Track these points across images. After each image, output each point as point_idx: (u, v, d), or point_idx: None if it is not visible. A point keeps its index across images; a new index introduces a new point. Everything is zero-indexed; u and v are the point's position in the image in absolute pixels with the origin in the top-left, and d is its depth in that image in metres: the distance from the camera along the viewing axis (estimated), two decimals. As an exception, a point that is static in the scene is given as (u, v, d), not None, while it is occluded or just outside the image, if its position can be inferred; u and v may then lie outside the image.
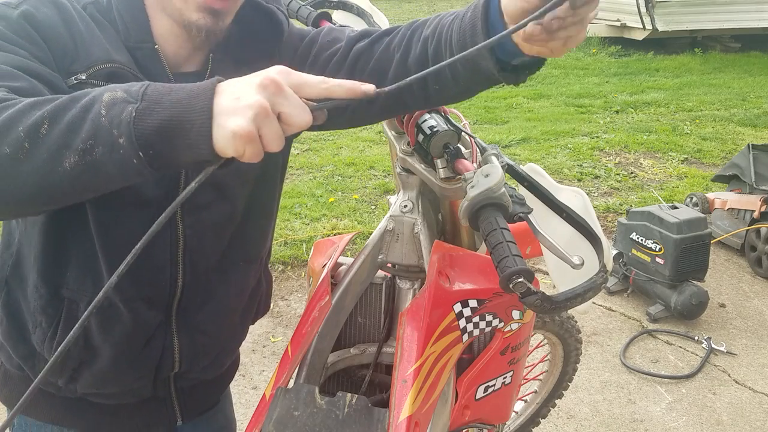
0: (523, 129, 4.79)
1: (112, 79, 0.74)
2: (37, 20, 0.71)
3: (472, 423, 1.04)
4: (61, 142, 0.55)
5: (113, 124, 0.54)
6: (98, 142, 0.54)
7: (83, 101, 0.56)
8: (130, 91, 0.56)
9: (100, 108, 0.55)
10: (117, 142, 0.54)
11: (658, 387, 2.24)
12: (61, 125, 0.55)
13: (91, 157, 0.55)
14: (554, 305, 0.62)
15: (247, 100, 0.53)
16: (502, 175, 0.62)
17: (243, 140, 0.53)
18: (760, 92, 5.88)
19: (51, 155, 0.55)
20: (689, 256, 2.55)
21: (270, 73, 0.55)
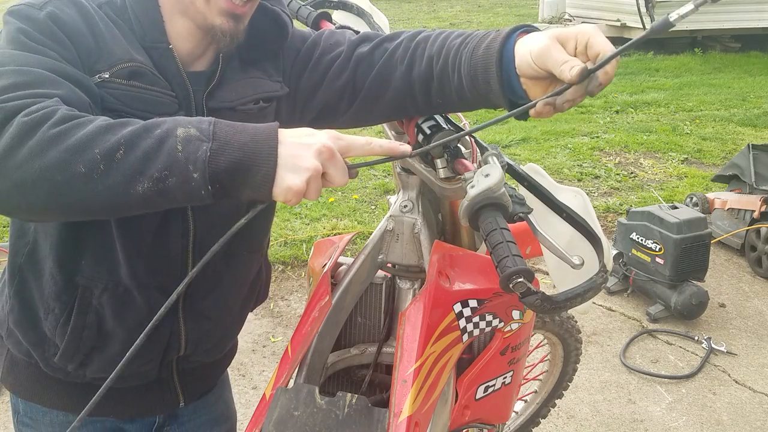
0: (523, 129, 4.79)
1: (134, 77, 0.78)
2: (62, 21, 0.74)
3: (472, 423, 1.04)
4: (136, 169, 0.60)
5: (189, 160, 0.60)
6: (173, 173, 0.61)
7: (157, 132, 0.62)
8: (201, 128, 0.62)
9: (176, 143, 0.61)
10: (191, 176, 0.61)
11: (658, 387, 2.24)
12: (137, 153, 0.60)
13: (164, 185, 0.61)
14: (554, 305, 0.62)
15: (305, 163, 0.62)
16: (502, 175, 0.62)
17: (295, 195, 0.62)
18: (760, 92, 5.88)
19: (125, 179, 0.61)
20: (689, 256, 2.55)
21: (325, 140, 0.63)
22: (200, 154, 0.60)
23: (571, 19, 8.13)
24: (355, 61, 0.87)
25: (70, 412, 0.93)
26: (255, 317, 2.63)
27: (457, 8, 10.90)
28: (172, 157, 0.60)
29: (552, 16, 8.34)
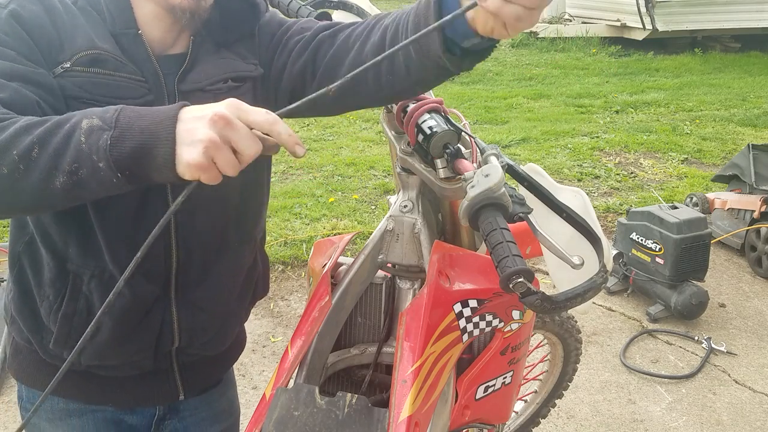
0: (523, 129, 4.79)
1: (95, 64, 0.80)
2: (24, 18, 0.76)
3: (472, 423, 1.04)
4: (50, 165, 0.62)
5: (92, 151, 0.62)
6: (82, 165, 0.62)
7: (66, 128, 0.63)
8: (104, 117, 0.63)
9: (80, 135, 0.62)
10: (97, 166, 0.62)
11: (658, 387, 2.24)
12: (49, 150, 0.62)
13: (78, 177, 0.63)
14: (554, 305, 0.62)
15: (198, 135, 0.60)
16: (502, 175, 0.62)
17: (197, 169, 0.61)
18: (760, 92, 5.88)
19: (43, 176, 0.63)
20: (689, 256, 2.55)
21: (219, 108, 0.61)
22: (101, 143, 0.61)
23: (571, 19, 8.13)
24: (316, 43, 0.88)
25: (70, 399, 0.95)
26: (255, 317, 2.63)
27: (457, 8, 10.89)
28: (77, 149, 0.62)
29: (552, 16, 8.34)
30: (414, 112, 0.79)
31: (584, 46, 7.50)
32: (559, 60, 7.13)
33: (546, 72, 6.68)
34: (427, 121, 0.80)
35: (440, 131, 0.78)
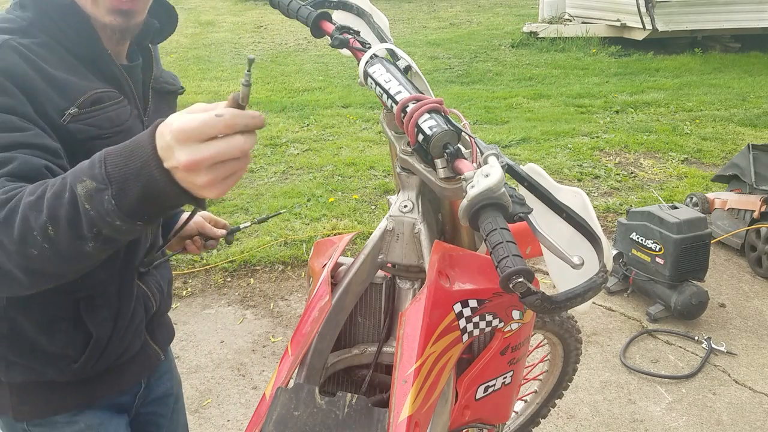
0: (523, 129, 4.79)
1: (97, 102, 0.85)
2: (12, 73, 0.77)
3: (472, 423, 1.04)
4: (72, 236, 0.63)
5: (102, 215, 0.61)
6: (101, 228, 0.62)
7: (66, 197, 0.62)
8: (94, 175, 0.61)
9: (84, 203, 0.62)
10: (116, 225, 0.62)
11: (658, 387, 2.24)
12: (63, 225, 0.62)
13: (104, 236, 0.63)
14: (554, 305, 0.62)
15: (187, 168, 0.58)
16: (502, 175, 0.62)
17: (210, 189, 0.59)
18: (760, 92, 5.88)
19: (71, 246, 0.63)
20: (689, 256, 2.55)
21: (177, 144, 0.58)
22: (107, 206, 0.60)
23: (571, 19, 8.13)
24: None
25: (77, 410, 0.98)
26: (255, 317, 2.63)
27: (457, 8, 10.90)
28: (89, 216, 0.61)
29: (552, 16, 8.34)
30: (414, 112, 0.79)
31: (584, 46, 7.50)
32: (559, 60, 7.13)
33: (546, 72, 6.68)
34: (427, 121, 0.80)
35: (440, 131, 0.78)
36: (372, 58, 0.90)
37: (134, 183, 0.60)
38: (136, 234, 0.65)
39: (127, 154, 0.61)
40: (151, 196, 0.60)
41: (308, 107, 5.40)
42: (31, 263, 0.64)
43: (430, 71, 6.63)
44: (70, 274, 0.68)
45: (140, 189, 0.60)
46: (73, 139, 0.83)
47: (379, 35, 1.01)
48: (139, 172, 0.60)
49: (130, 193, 0.60)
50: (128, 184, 0.60)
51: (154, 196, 0.60)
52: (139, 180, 0.60)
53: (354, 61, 0.94)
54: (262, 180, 3.93)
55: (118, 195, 0.60)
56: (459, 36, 8.48)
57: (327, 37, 0.98)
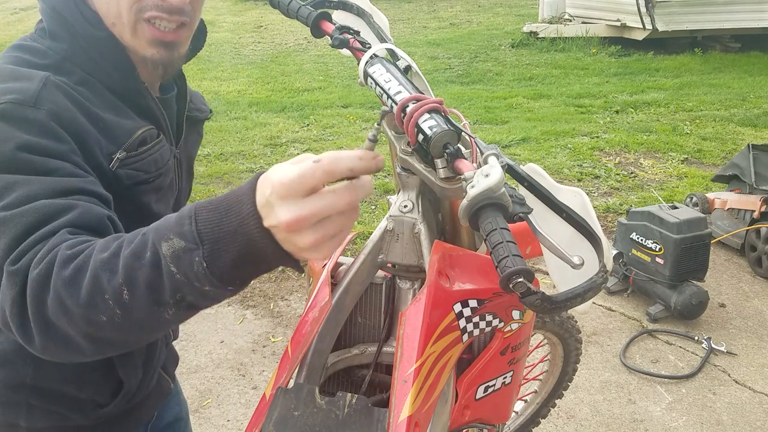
0: (523, 129, 4.79)
1: (143, 143, 0.79)
2: (63, 118, 0.70)
3: (472, 423, 1.04)
4: (150, 301, 0.55)
5: (190, 279, 0.53)
6: (186, 293, 0.54)
7: (147, 257, 0.54)
8: (183, 233, 0.53)
9: (168, 264, 0.53)
10: (204, 290, 0.54)
11: (658, 387, 2.24)
12: (140, 288, 0.54)
13: (186, 303, 0.55)
14: (554, 305, 0.62)
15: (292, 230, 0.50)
16: (502, 175, 0.62)
17: (317, 250, 0.51)
18: (760, 92, 5.88)
19: (148, 313, 0.55)
20: (689, 256, 2.55)
21: (276, 203, 0.50)
22: (196, 268, 0.52)
23: (571, 19, 8.13)
24: None
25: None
26: (255, 317, 2.63)
27: (457, 8, 10.89)
28: (173, 280, 0.53)
29: (552, 16, 8.34)
30: (414, 112, 0.79)
31: (584, 46, 7.50)
32: (559, 60, 7.13)
33: (546, 72, 6.67)
34: (427, 121, 0.80)
35: (440, 131, 0.78)
36: (372, 58, 0.90)
37: (230, 243, 0.52)
38: (223, 300, 0.57)
39: (222, 210, 0.53)
40: (248, 258, 0.52)
41: (308, 107, 5.40)
42: (97, 331, 0.56)
43: (430, 71, 6.62)
44: (140, 343, 0.63)
45: (236, 250, 0.52)
46: (120, 185, 0.77)
47: (379, 35, 1.01)
48: (235, 231, 0.52)
49: (224, 254, 0.52)
50: (223, 245, 0.52)
51: (251, 258, 0.52)
52: (236, 240, 0.52)
53: (354, 61, 0.94)
54: (262, 180, 3.93)
55: (211, 256, 0.52)
56: (459, 36, 8.48)
57: (327, 37, 0.98)
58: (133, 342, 0.60)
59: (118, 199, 0.74)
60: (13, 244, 0.61)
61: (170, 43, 0.79)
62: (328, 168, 0.50)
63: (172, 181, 0.90)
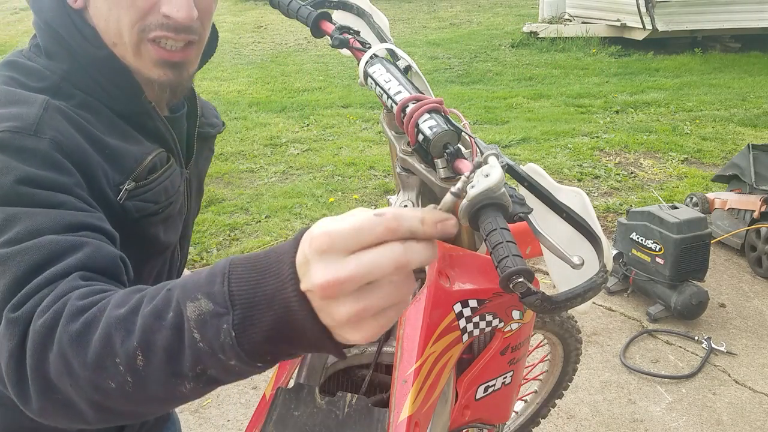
0: (523, 129, 4.79)
1: (152, 171, 0.73)
2: (66, 147, 0.64)
3: (472, 423, 1.04)
4: (167, 372, 0.47)
5: (215, 350, 0.45)
6: (208, 366, 0.46)
7: (169, 319, 0.46)
8: (213, 293, 0.45)
9: (192, 330, 0.45)
10: (229, 365, 0.45)
11: (658, 387, 2.24)
12: (158, 355, 0.46)
13: (207, 377, 0.47)
14: (554, 305, 0.62)
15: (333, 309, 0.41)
16: (502, 175, 0.62)
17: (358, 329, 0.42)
18: (760, 92, 5.88)
19: (163, 385, 0.47)
20: (689, 256, 2.55)
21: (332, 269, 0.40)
22: (224, 338, 0.44)
23: (571, 19, 8.13)
24: None
25: None
26: (255, 317, 2.63)
27: (457, 8, 10.89)
28: (195, 350, 0.45)
29: (552, 16, 8.33)
30: (414, 112, 0.79)
31: (584, 46, 7.50)
32: (559, 60, 7.13)
33: (546, 72, 6.67)
34: (427, 121, 0.80)
35: (440, 131, 0.78)
36: (372, 58, 0.90)
37: (265, 311, 0.43)
38: (248, 376, 0.48)
39: (260, 269, 0.44)
40: (284, 331, 0.43)
41: (308, 107, 5.40)
42: (104, 399, 0.49)
43: (430, 71, 6.62)
44: (151, 415, 0.53)
45: (271, 320, 0.43)
46: (127, 219, 0.70)
47: (379, 35, 1.01)
48: (273, 297, 0.43)
49: (257, 323, 0.43)
50: (257, 312, 0.43)
51: (286, 331, 0.43)
52: (272, 308, 0.43)
53: (354, 61, 0.94)
54: (262, 180, 3.93)
55: (242, 325, 0.43)
56: (459, 36, 8.48)
57: (327, 37, 0.98)
58: (142, 414, 0.52)
59: (124, 233, 0.67)
60: (14, 286, 0.54)
61: (178, 64, 0.73)
62: (391, 224, 0.41)
63: (181, 206, 0.85)
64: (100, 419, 0.51)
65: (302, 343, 0.44)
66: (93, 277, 0.55)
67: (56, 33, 0.71)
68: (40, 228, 0.57)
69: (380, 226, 0.41)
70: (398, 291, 0.43)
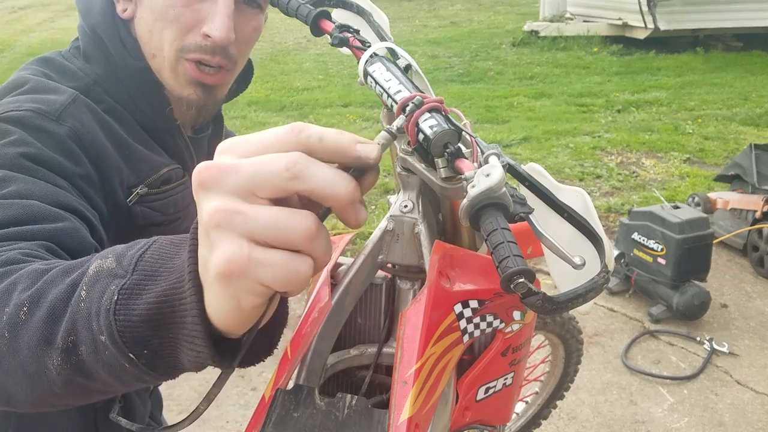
0: (525, 128, 4.78)
1: (167, 182, 0.74)
2: (85, 140, 0.65)
3: (472, 424, 1.04)
4: (40, 335, 0.40)
5: (91, 314, 0.38)
6: (79, 339, 0.38)
7: (73, 275, 0.41)
8: (123, 256, 0.39)
9: (82, 287, 0.39)
10: (99, 342, 0.37)
11: (660, 388, 2.24)
12: (41, 309, 0.40)
13: (77, 358, 0.39)
14: (555, 306, 0.61)
15: (214, 256, 0.33)
16: (503, 174, 0.61)
17: (236, 313, 0.34)
18: (762, 91, 5.87)
19: (31, 352, 0.40)
20: (691, 257, 2.54)
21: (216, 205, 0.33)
22: (104, 301, 0.37)
23: (573, 18, 8.12)
24: None
25: None
26: (255, 317, 2.63)
27: (457, 6, 10.88)
28: (74, 311, 0.39)
29: (553, 15, 8.33)
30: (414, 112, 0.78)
31: (586, 45, 7.49)
32: (561, 59, 7.12)
33: (547, 71, 6.67)
34: (427, 120, 0.80)
35: (441, 131, 0.77)
36: (372, 56, 0.89)
37: (159, 282, 0.37)
38: (119, 378, 0.39)
39: (179, 244, 0.39)
40: (165, 310, 0.36)
41: (308, 106, 5.40)
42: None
43: (431, 70, 6.62)
44: (16, 398, 0.43)
45: (159, 292, 0.37)
46: (131, 224, 0.70)
47: (379, 34, 1.00)
48: (175, 269, 0.37)
49: (144, 294, 0.37)
50: (152, 282, 0.37)
51: (168, 309, 0.36)
52: (168, 279, 0.37)
53: (354, 60, 0.94)
54: (263, 179, 3.93)
55: (129, 291, 0.37)
56: (459, 35, 8.47)
57: (327, 35, 0.98)
58: (8, 393, 0.43)
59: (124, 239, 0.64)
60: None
61: (209, 86, 0.75)
62: (296, 125, 0.35)
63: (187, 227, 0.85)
64: None
65: (182, 333, 0.36)
66: (57, 252, 0.53)
67: (99, 38, 0.74)
68: (30, 193, 0.57)
69: (280, 128, 0.34)
70: (288, 217, 0.32)
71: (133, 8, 0.74)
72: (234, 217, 0.32)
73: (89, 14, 0.75)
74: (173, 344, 0.37)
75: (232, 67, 0.77)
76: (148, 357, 0.37)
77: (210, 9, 0.71)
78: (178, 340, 0.37)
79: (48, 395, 0.42)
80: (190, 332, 0.36)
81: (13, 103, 0.64)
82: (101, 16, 0.74)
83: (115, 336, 0.37)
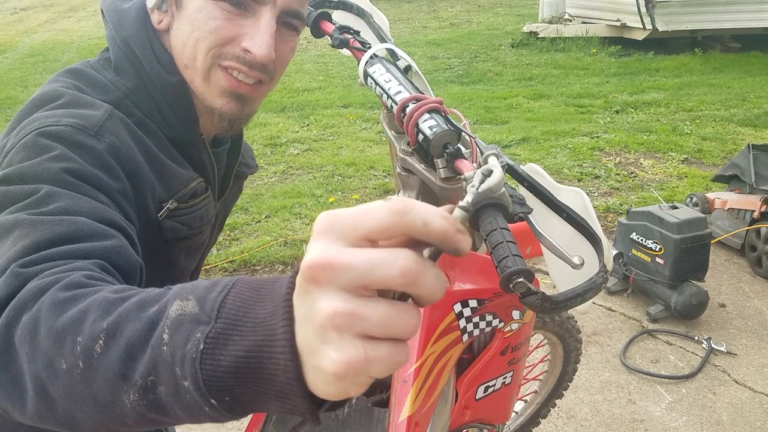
0: (523, 129, 4.79)
1: (195, 196, 0.74)
2: (123, 155, 0.65)
3: (472, 423, 1.04)
4: (117, 370, 0.40)
5: (175, 359, 0.38)
6: (160, 380, 0.39)
7: (150, 311, 0.41)
8: (204, 299, 0.39)
9: (164, 329, 0.39)
10: (181, 387, 0.38)
11: (658, 387, 2.24)
12: (118, 345, 0.40)
13: (154, 395, 0.39)
14: (554, 305, 0.62)
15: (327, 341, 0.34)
16: (502, 175, 0.62)
17: (347, 378, 0.34)
18: (760, 92, 5.88)
19: (108, 384, 0.41)
20: (689, 256, 2.55)
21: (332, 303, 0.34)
22: (189, 347, 0.38)
23: (571, 19, 8.13)
24: None
25: None
26: (255, 317, 2.63)
27: (457, 8, 10.89)
28: (155, 353, 0.39)
29: (552, 16, 8.33)
30: (414, 112, 0.79)
31: (584, 46, 7.50)
32: (559, 60, 7.13)
33: (546, 72, 6.67)
34: (427, 121, 0.80)
35: (440, 131, 0.77)
36: (372, 58, 0.90)
37: (247, 334, 0.37)
38: (195, 418, 0.40)
39: (263, 293, 0.39)
40: (254, 365, 0.36)
41: (308, 107, 5.40)
42: (51, 379, 0.43)
43: (430, 71, 6.62)
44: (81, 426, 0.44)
45: (248, 346, 0.37)
46: (159, 238, 0.70)
47: (379, 35, 1.01)
48: (262, 321, 0.37)
49: (231, 345, 0.37)
50: (238, 332, 0.37)
51: (257, 366, 0.36)
52: (255, 332, 0.37)
53: (354, 61, 0.94)
54: (262, 180, 3.93)
55: (215, 340, 0.37)
56: (459, 36, 8.48)
57: (327, 37, 0.98)
58: (75, 421, 0.44)
59: (152, 252, 0.66)
60: (33, 247, 0.52)
61: (244, 97, 0.74)
62: (398, 206, 0.36)
63: (205, 238, 0.86)
64: (35, 410, 0.44)
65: (270, 387, 0.37)
66: (110, 271, 0.53)
67: (131, 51, 0.73)
68: (77, 209, 0.57)
69: (385, 208, 0.36)
70: (399, 315, 0.34)
71: (170, 20, 0.73)
72: (352, 320, 0.33)
73: (122, 26, 0.74)
74: (257, 394, 0.38)
75: (269, 80, 0.77)
76: (229, 403, 0.38)
77: (252, 25, 0.71)
78: (264, 392, 0.38)
79: (116, 425, 0.42)
80: (282, 389, 0.37)
81: (51, 117, 0.63)
82: (134, 29, 0.73)
83: (199, 383, 0.38)
